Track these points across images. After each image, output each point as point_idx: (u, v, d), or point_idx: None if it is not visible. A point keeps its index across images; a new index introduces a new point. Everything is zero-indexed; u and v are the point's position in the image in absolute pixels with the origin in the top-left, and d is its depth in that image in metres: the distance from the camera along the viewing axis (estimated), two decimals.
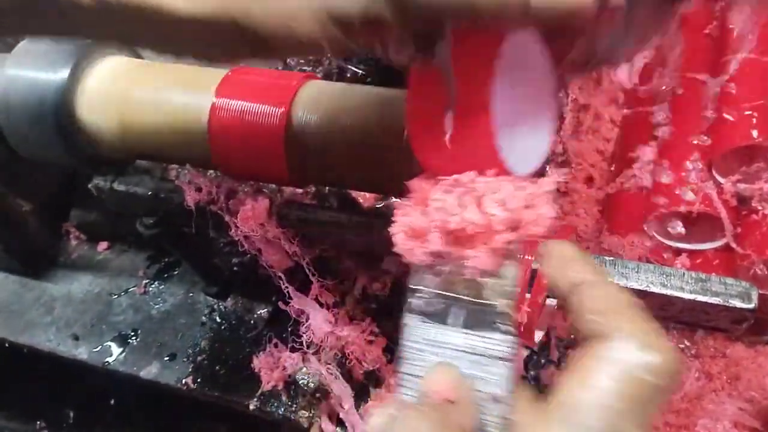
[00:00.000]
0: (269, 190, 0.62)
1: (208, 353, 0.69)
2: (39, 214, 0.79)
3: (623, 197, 0.78)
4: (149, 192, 0.59)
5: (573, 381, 0.26)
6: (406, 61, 0.32)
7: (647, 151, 0.76)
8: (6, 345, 0.75)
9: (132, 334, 0.72)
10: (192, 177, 0.57)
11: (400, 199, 0.35)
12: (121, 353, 0.71)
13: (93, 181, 0.61)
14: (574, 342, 0.76)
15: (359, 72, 0.82)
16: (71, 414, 0.96)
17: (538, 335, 0.51)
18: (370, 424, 0.28)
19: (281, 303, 0.60)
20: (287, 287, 0.59)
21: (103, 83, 0.58)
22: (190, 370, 0.68)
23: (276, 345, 0.64)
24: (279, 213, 0.56)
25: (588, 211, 0.83)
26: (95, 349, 0.71)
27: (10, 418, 0.96)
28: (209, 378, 0.67)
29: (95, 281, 0.78)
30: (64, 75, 0.57)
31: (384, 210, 0.68)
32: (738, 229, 0.66)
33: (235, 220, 0.56)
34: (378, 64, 0.79)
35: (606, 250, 0.77)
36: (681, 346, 0.73)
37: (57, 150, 0.59)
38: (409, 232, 0.33)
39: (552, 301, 0.52)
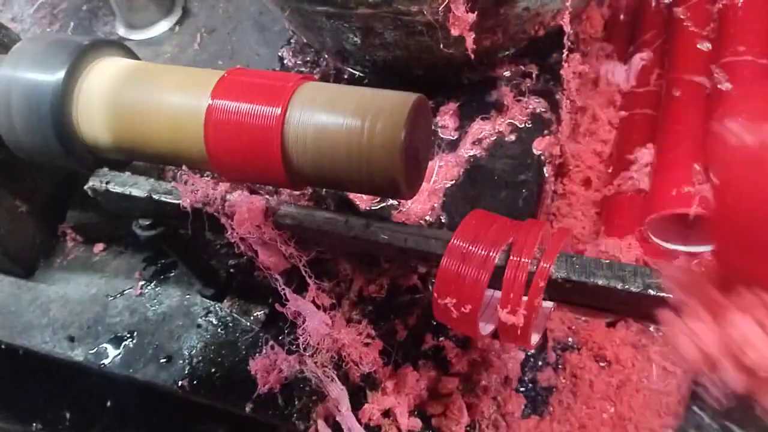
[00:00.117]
0: (265, 191, 0.62)
1: (204, 355, 0.68)
2: (35, 215, 0.79)
3: (621, 199, 0.78)
4: (145, 194, 0.59)
5: None
6: None
7: (644, 154, 0.76)
8: (2, 347, 0.75)
9: (128, 336, 0.72)
10: (188, 178, 0.57)
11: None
12: (117, 355, 0.70)
13: (89, 183, 0.61)
14: (569, 345, 0.76)
15: (356, 73, 0.82)
16: (68, 416, 0.96)
17: (534, 338, 0.50)
18: None
19: (277, 305, 0.60)
20: (284, 289, 0.59)
21: (99, 85, 0.58)
22: (186, 372, 0.67)
23: (272, 347, 0.64)
24: (275, 215, 0.56)
25: (585, 213, 0.83)
26: (91, 351, 0.71)
27: (6, 419, 0.96)
28: (205, 380, 0.67)
29: (91, 283, 0.78)
30: (60, 77, 0.57)
31: (380, 212, 0.68)
32: None
33: (232, 222, 0.56)
34: (375, 65, 0.79)
35: (603, 252, 0.76)
36: None
37: (54, 152, 0.59)
38: (700, 353, 0.32)
39: (548, 304, 0.52)
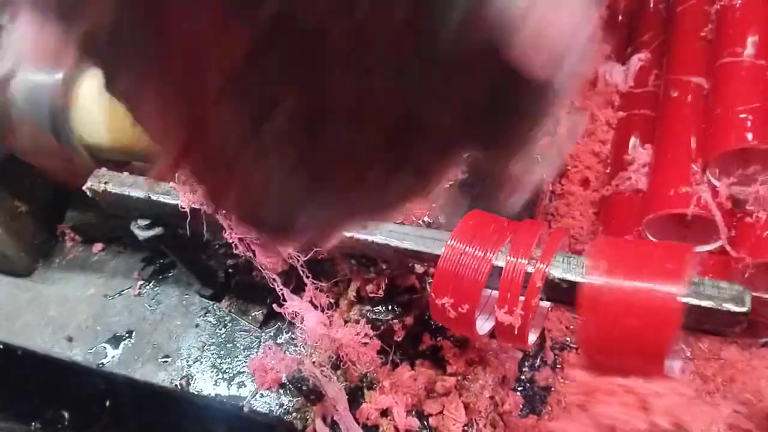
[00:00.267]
0: None
1: (202, 355, 0.69)
2: (35, 215, 0.79)
3: (619, 199, 0.78)
4: (144, 194, 0.59)
5: None
6: None
7: (642, 154, 0.76)
8: (1, 346, 0.75)
9: (126, 335, 0.72)
10: (186, 179, 0.57)
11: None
12: (116, 355, 0.71)
13: (88, 183, 0.61)
14: (567, 344, 0.75)
15: None
16: (66, 415, 0.96)
17: (532, 338, 0.50)
18: None
19: (275, 305, 0.60)
20: (282, 289, 0.59)
21: (99, 85, 0.58)
22: (184, 371, 0.68)
23: (270, 347, 0.64)
24: None
25: (583, 213, 0.83)
26: (90, 351, 0.71)
27: (5, 419, 0.96)
28: (203, 379, 0.67)
29: (90, 283, 0.78)
30: (59, 77, 0.57)
31: None
32: (732, 232, 0.66)
33: (230, 222, 0.56)
34: None
35: None
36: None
37: (53, 152, 0.59)
38: None
39: (545, 304, 0.52)
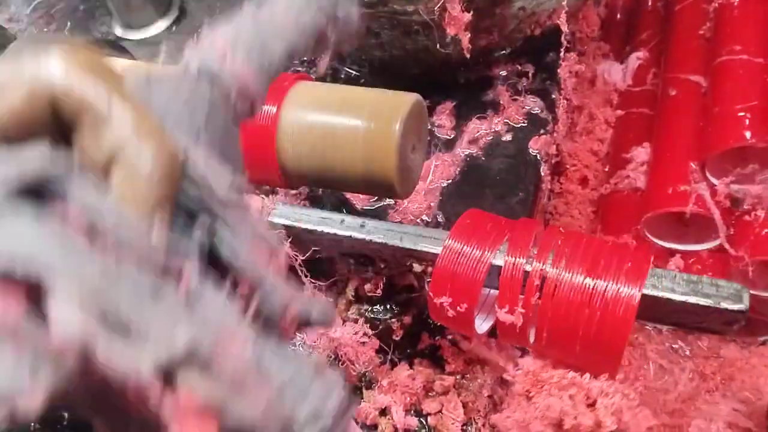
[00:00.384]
0: (261, 191, 0.62)
1: None
2: None
3: (617, 198, 0.78)
4: None
5: None
6: None
7: (641, 152, 0.76)
8: None
9: None
10: None
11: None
12: None
13: None
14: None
15: (353, 73, 0.82)
16: (65, 415, 0.96)
17: (531, 336, 0.50)
18: None
19: None
20: None
21: None
22: None
23: None
24: (271, 214, 0.56)
25: (582, 212, 0.83)
26: None
27: None
28: None
29: None
30: None
31: (376, 211, 0.68)
32: (731, 231, 0.67)
33: None
34: (371, 65, 0.79)
35: None
36: (675, 346, 0.74)
37: None
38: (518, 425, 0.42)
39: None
